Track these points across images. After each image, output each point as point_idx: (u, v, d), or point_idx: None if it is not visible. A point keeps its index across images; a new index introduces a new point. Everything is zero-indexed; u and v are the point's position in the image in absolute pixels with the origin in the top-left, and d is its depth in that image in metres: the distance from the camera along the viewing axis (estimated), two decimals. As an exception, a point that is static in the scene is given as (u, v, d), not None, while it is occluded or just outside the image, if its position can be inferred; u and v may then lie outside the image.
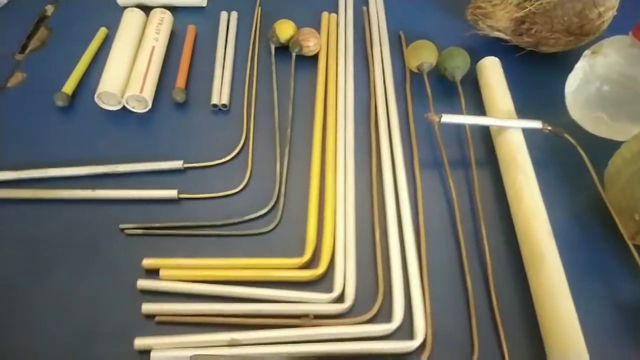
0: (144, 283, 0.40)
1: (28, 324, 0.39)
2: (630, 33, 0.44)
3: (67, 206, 0.46)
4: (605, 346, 0.38)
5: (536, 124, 0.48)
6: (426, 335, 0.38)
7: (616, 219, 0.42)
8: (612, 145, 0.44)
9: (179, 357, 0.36)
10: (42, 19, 0.65)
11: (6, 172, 0.47)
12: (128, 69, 0.55)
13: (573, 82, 0.50)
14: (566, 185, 0.47)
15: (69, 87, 0.55)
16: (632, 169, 0.41)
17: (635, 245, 0.40)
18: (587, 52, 0.49)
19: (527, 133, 0.48)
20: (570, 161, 0.47)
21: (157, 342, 0.37)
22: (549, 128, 0.48)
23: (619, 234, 0.41)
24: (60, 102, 0.53)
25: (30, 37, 0.62)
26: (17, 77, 0.57)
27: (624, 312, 0.40)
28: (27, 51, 0.60)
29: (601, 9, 0.52)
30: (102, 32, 0.61)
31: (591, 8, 0.51)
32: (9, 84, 0.56)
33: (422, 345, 0.37)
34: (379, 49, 0.59)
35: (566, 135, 0.47)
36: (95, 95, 0.52)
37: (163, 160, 0.49)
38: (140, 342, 0.37)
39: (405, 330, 0.39)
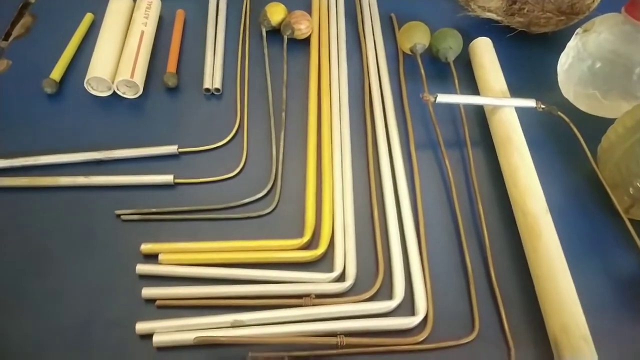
0: (143, 268, 0.40)
1: (27, 312, 0.38)
2: (623, 9, 0.44)
3: (61, 194, 0.45)
4: (603, 318, 0.38)
5: (530, 103, 0.48)
6: (427, 312, 0.38)
7: (611, 194, 0.43)
8: (604, 123, 0.45)
9: (181, 340, 0.36)
10: (25, 5, 0.63)
11: (-2, 160, 0.46)
12: (117, 54, 0.54)
13: (565, 61, 0.51)
14: (561, 163, 0.48)
15: (56, 73, 0.53)
16: (626, 145, 0.41)
17: (629, 219, 0.41)
18: (579, 30, 0.49)
19: (521, 112, 0.49)
20: (564, 139, 0.48)
21: (158, 325, 0.36)
22: (543, 106, 0.48)
23: (614, 208, 0.42)
24: (48, 89, 0.52)
25: (14, 24, 0.61)
26: (2, 64, 0.56)
27: (620, 284, 0.40)
28: (11, 38, 0.59)
29: (591, -12, 0.52)
30: (88, 17, 0.60)
31: (582, -13, 0.52)
32: (-6, 72, 0.55)
33: (424, 321, 0.38)
34: (371, 30, 0.59)
35: (560, 113, 0.48)
36: (85, 81, 0.51)
37: (156, 146, 0.48)
38: (141, 327, 0.36)
39: (407, 307, 0.39)
